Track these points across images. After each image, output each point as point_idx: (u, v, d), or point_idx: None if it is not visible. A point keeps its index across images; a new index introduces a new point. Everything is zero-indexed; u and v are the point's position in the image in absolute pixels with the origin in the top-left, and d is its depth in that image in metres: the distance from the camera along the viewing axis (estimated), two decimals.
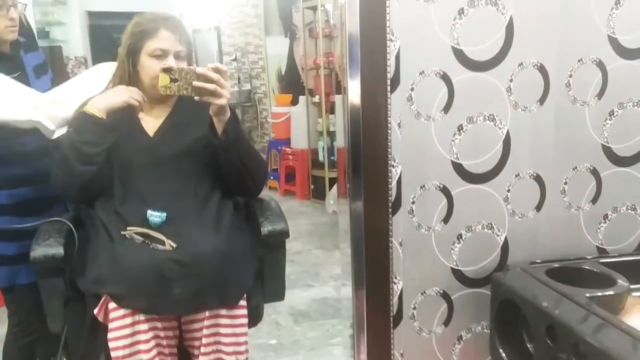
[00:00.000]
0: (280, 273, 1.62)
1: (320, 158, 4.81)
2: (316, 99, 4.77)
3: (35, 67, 1.72)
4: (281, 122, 5.22)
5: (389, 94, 1.37)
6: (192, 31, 6.25)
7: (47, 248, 1.40)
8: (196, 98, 1.42)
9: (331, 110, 4.66)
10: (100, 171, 1.46)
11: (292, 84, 5.37)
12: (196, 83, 1.39)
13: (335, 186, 3.83)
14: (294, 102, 5.19)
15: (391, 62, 1.35)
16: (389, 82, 1.36)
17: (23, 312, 1.73)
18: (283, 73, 5.53)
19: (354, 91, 1.38)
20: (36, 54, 1.77)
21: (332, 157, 4.74)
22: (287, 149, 5.13)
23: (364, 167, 1.42)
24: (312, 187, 4.98)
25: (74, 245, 1.45)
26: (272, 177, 5.34)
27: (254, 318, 1.51)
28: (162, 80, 1.39)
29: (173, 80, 1.39)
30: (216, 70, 1.41)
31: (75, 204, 1.61)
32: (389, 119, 1.38)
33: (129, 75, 1.55)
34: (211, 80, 1.39)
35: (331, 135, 4.72)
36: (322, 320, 2.68)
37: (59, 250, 1.40)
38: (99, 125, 1.45)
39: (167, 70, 1.39)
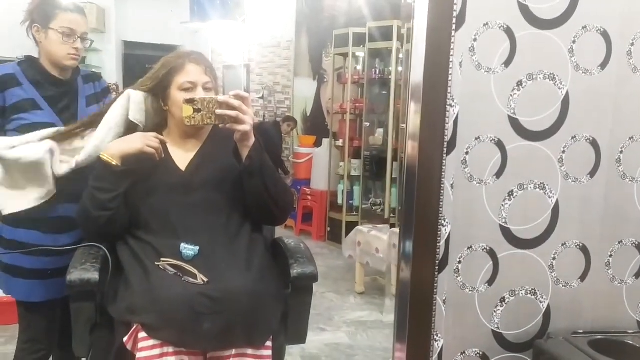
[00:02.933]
0: (305, 316, 1.63)
1: (339, 201, 4.85)
2: (340, 142, 4.85)
3: (89, 96, 1.80)
4: (303, 162, 5.29)
5: (444, 155, 1.41)
6: (222, 67, 6.43)
7: (84, 272, 1.43)
8: (220, 125, 1.46)
9: (354, 155, 4.74)
10: (116, 216, 1.49)
11: (317, 126, 5.46)
12: (219, 111, 1.42)
13: (352, 232, 3.86)
14: (318, 143, 5.27)
15: (449, 126, 1.40)
16: (445, 144, 1.41)
17: (33, 329, 1.75)
18: (308, 114, 5.63)
19: (411, 150, 1.43)
20: (95, 85, 1.84)
21: (350, 201, 4.78)
22: (307, 189, 5.18)
23: (415, 224, 1.45)
24: (328, 229, 5.00)
25: (107, 271, 1.48)
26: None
27: (277, 359, 1.51)
28: (185, 111, 1.43)
29: (196, 111, 1.42)
30: (238, 97, 1.45)
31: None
32: (442, 179, 1.42)
33: (159, 111, 1.60)
34: (233, 107, 1.43)
35: (352, 179, 4.78)
36: None
37: (94, 276, 1.42)
38: (112, 172, 1.48)
39: (189, 101, 1.43)
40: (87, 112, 1.73)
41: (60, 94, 1.72)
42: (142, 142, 1.51)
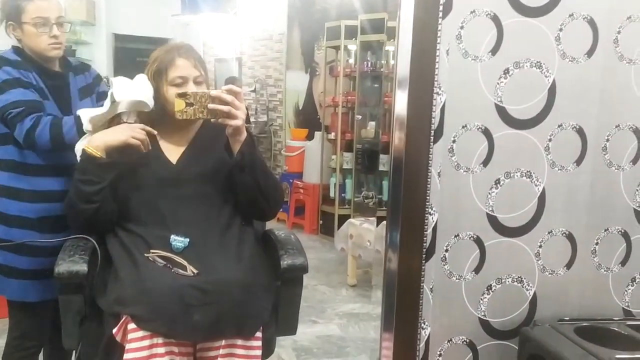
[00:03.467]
0: (295, 308, 1.63)
1: (332, 194, 4.85)
2: (332, 135, 4.84)
3: (81, 89, 1.78)
4: (295, 155, 5.28)
5: (431, 144, 1.41)
6: (214, 60, 6.40)
7: (72, 264, 1.42)
8: (212, 120, 1.46)
9: (346, 148, 4.73)
10: (103, 209, 1.49)
11: (309, 119, 5.45)
12: (211, 105, 1.42)
13: (344, 225, 3.86)
14: (310, 137, 5.26)
15: (436, 114, 1.40)
16: (432, 132, 1.41)
17: (25, 326, 1.74)
18: (300, 108, 5.62)
19: (399, 138, 1.43)
20: (85, 76, 1.82)
21: (342, 195, 4.78)
22: (299, 183, 5.17)
23: (402, 212, 1.45)
24: (320, 222, 5.00)
25: (97, 264, 1.47)
26: (281, 209, 5.36)
27: (267, 350, 1.52)
28: (177, 105, 1.43)
29: (188, 105, 1.42)
30: (230, 92, 1.45)
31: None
32: (429, 168, 1.42)
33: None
34: (225, 102, 1.43)
35: (344, 172, 4.78)
36: (325, 359, 2.66)
37: (82, 267, 1.42)
38: (96, 164, 1.47)
39: (182, 95, 1.43)
40: (81, 105, 1.71)
41: (55, 87, 1.70)
42: (127, 133, 1.50)
